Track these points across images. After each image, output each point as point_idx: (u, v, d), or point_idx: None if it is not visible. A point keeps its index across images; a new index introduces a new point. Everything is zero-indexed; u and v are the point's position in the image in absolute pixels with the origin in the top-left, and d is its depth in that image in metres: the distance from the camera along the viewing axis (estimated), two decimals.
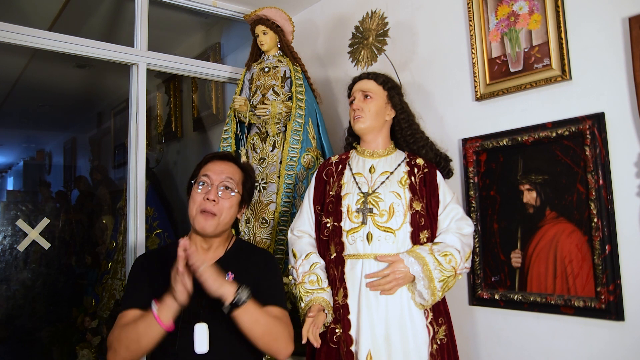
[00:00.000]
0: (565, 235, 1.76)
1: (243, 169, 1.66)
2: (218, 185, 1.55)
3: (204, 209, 1.52)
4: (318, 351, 1.72)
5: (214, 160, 1.62)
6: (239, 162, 1.68)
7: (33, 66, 3.96)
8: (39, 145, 6.45)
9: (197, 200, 1.55)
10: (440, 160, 1.89)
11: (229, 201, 1.56)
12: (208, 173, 1.58)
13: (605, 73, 1.71)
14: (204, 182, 1.57)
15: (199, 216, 1.53)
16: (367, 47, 2.12)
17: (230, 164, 1.62)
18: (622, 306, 1.62)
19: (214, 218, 1.53)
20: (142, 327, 1.37)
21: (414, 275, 1.66)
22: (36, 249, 3.99)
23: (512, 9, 1.96)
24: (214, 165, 1.60)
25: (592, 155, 1.69)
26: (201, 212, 1.53)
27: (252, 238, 2.32)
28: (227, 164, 1.62)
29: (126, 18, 3.10)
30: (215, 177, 1.56)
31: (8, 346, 4.16)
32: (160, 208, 3.67)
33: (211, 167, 1.60)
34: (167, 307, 1.36)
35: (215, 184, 1.55)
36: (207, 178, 1.57)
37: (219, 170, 1.58)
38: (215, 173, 1.57)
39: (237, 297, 1.38)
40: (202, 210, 1.53)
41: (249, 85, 2.55)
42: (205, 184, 1.56)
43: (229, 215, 1.57)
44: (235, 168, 1.63)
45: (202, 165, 1.62)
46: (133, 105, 2.63)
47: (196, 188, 1.57)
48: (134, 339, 1.38)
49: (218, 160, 1.62)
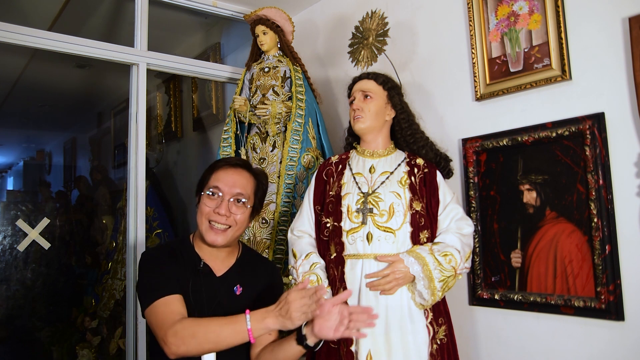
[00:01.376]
0: (565, 235, 1.76)
1: (255, 176, 1.58)
2: (229, 199, 1.49)
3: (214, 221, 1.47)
4: (318, 351, 1.72)
5: (225, 168, 1.53)
6: (251, 169, 1.59)
7: (33, 66, 3.96)
8: (39, 145, 6.44)
9: (206, 211, 1.48)
10: (440, 160, 1.89)
11: (241, 215, 1.50)
12: (219, 185, 1.49)
13: (605, 73, 1.71)
14: (214, 193, 1.49)
15: (209, 231, 1.48)
16: (367, 47, 2.12)
17: (242, 173, 1.54)
18: (622, 306, 1.62)
19: (224, 233, 1.48)
20: (227, 332, 1.31)
21: (414, 275, 1.66)
22: (36, 249, 3.98)
23: (512, 9, 1.96)
24: (225, 174, 1.52)
25: (592, 155, 1.69)
26: (210, 225, 1.48)
27: (252, 238, 2.32)
28: (240, 172, 1.54)
29: (126, 18, 3.10)
30: (227, 189, 1.49)
31: (8, 346, 4.16)
32: (160, 208, 3.67)
33: (223, 176, 1.51)
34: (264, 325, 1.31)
35: (226, 198, 1.48)
36: (219, 188, 1.49)
37: (230, 182, 1.50)
38: (227, 185, 1.49)
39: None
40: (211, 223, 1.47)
41: (249, 85, 2.55)
42: (215, 195, 1.49)
43: (242, 228, 1.53)
44: (248, 177, 1.55)
45: (212, 171, 1.54)
46: (133, 105, 2.64)
47: (206, 197, 1.50)
48: (212, 339, 1.31)
49: (230, 169, 1.53)
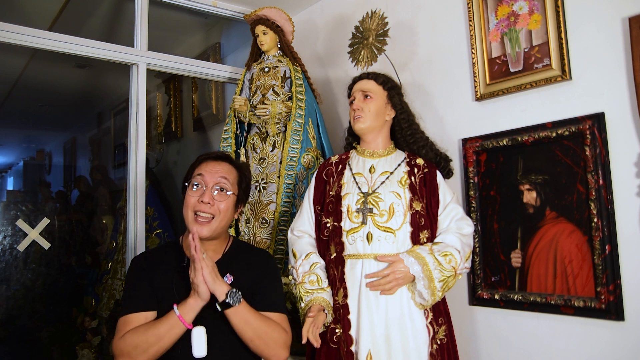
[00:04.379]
0: (565, 235, 1.76)
1: (237, 167, 1.62)
2: (212, 187, 1.51)
3: (199, 210, 1.49)
4: (318, 351, 1.72)
5: (207, 161, 1.58)
6: (233, 161, 1.63)
7: (33, 66, 3.96)
8: (39, 145, 6.45)
9: (191, 202, 1.51)
10: (440, 160, 1.89)
11: (225, 203, 1.52)
12: (202, 172, 1.53)
13: (605, 73, 1.71)
14: (198, 183, 1.52)
15: (194, 223, 1.49)
16: (367, 47, 2.12)
17: (224, 164, 1.58)
18: (622, 306, 1.62)
19: (209, 223, 1.50)
20: (164, 329, 1.37)
21: (414, 275, 1.66)
22: (36, 249, 3.98)
23: (512, 9, 1.96)
24: (207, 165, 1.56)
25: (592, 155, 1.69)
26: (196, 217, 1.50)
27: (252, 238, 2.32)
28: (221, 164, 1.58)
29: (126, 18, 3.10)
30: (209, 177, 1.52)
31: (8, 346, 4.16)
32: (160, 208, 3.67)
33: (205, 167, 1.55)
34: (189, 307, 1.39)
35: (209, 186, 1.51)
36: (201, 178, 1.52)
37: (213, 171, 1.54)
38: (209, 174, 1.53)
39: (229, 297, 1.39)
40: (196, 213, 1.49)
41: (249, 85, 2.54)
42: (199, 185, 1.52)
43: (226, 217, 1.54)
44: (230, 167, 1.58)
45: (195, 166, 1.58)
46: (133, 105, 2.64)
47: (190, 189, 1.53)
48: (153, 342, 1.37)
49: (212, 161, 1.58)
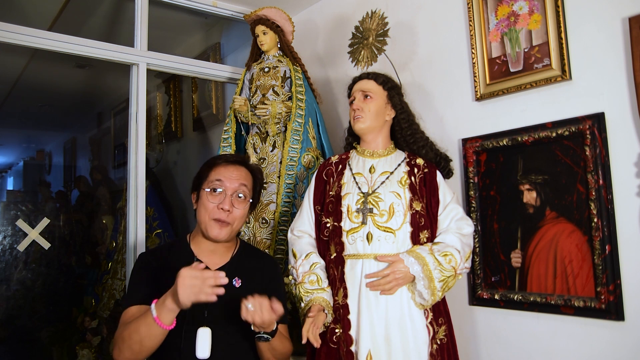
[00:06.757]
0: (565, 235, 1.76)
1: (253, 172, 1.62)
2: (232, 194, 1.52)
3: (218, 218, 1.49)
4: (318, 351, 1.72)
5: (226, 165, 1.56)
6: (250, 166, 1.63)
7: (33, 66, 3.96)
8: (39, 145, 6.45)
9: (210, 208, 1.50)
10: (440, 160, 1.89)
11: (242, 210, 1.54)
12: (222, 179, 1.52)
13: (605, 73, 1.70)
14: (217, 189, 1.52)
15: (212, 224, 1.50)
16: (367, 47, 2.11)
17: (242, 169, 1.58)
18: (622, 306, 1.61)
19: (228, 226, 1.51)
20: (144, 329, 1.34)
21: (414, 275, 1.66)
22: (36, 249, 3.98)
23: (512, 9, 1.96)
24: (227, 170, 1.55)
25: (592, 155, 1.69)
26: (215, 220, 1.50)
27: (252, 238, 2.32)
28: (240, 169, 1.57)
29: (126, 18, 3.10)
30: (229, 184, 1.52)
31: (8, 346, 4.16)
32: (160, 208, 3.67)
33: (224, 172, 1.54)
34: (166, 309, 1.31)
35: (229, 193, 1.51)
36: (221, 184, 1.51)
37: (233, 177, 1.53)
38: (229, 180, 1.52)
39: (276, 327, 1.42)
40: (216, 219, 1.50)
41: (249, 85, 2.54)
42: (219, 191, 1.52)
43: (242, 222, 1.58)
44: (247, 173, 1.59)
45: (212, 168, 1.56)
46: (133, 105, 2.63)
47: (208, 193, 1.52)
48: (136, 340, 1.34)
49: (231, 165, 1.56)
